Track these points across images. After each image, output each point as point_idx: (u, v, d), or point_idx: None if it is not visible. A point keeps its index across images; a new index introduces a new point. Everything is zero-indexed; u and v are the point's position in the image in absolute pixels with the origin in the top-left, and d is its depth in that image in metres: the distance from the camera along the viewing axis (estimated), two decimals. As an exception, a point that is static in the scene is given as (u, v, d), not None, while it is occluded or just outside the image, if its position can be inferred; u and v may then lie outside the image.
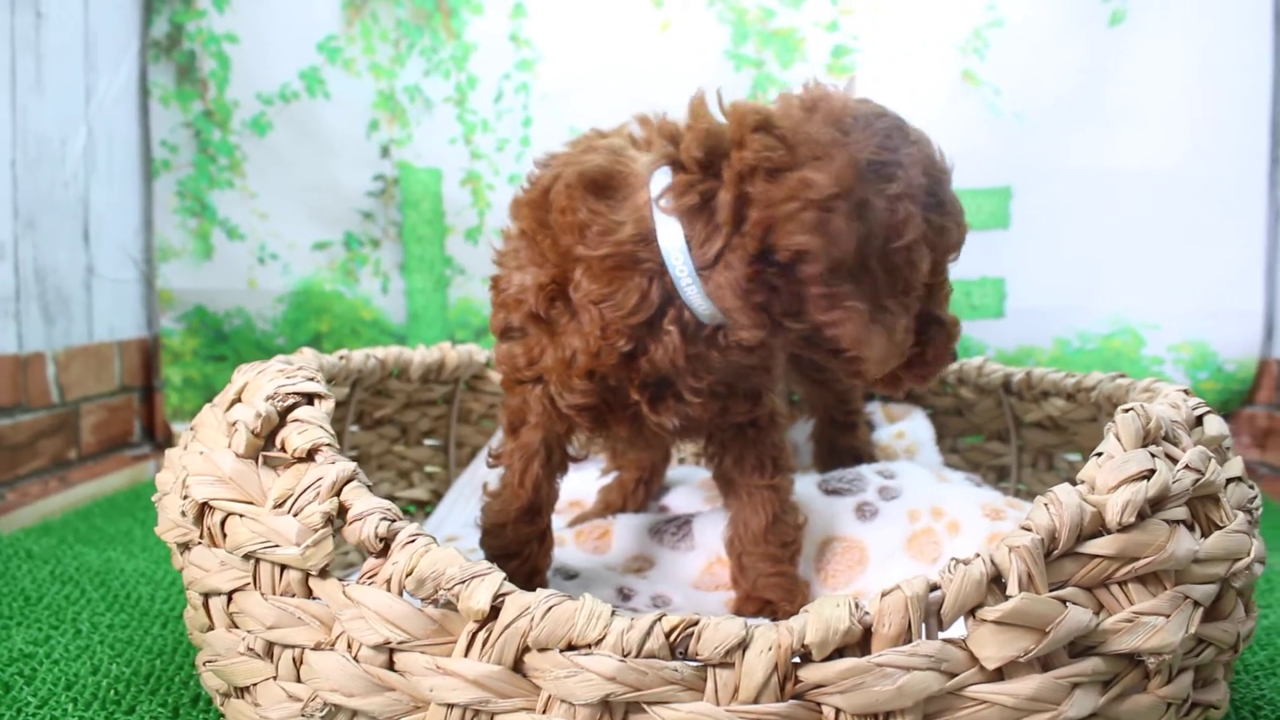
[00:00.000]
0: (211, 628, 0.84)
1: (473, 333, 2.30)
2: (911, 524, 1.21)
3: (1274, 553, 1.54)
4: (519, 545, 1.15)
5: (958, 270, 2.21)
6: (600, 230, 0.96)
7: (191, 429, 0.94)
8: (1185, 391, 0.97)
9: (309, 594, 0.77)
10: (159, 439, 2.29)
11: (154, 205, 2.27)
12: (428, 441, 1.62)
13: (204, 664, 0.86)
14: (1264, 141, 2.16)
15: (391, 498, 1.56)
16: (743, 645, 0.66)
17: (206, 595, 0.83)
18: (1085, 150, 2.21)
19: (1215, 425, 0.91)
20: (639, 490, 1.49)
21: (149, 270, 2.29)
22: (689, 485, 1.54)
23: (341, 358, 1.36)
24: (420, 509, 1.58)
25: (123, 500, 1.88)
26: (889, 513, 1.24)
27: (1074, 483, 0.76)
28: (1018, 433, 1.58)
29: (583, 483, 1.53)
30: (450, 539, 1.37)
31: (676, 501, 1.51)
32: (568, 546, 1.34)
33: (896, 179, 0.90)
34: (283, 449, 0.83)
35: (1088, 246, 2.22)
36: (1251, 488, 0.89)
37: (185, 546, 0.86)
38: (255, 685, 0.79)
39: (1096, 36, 2.17)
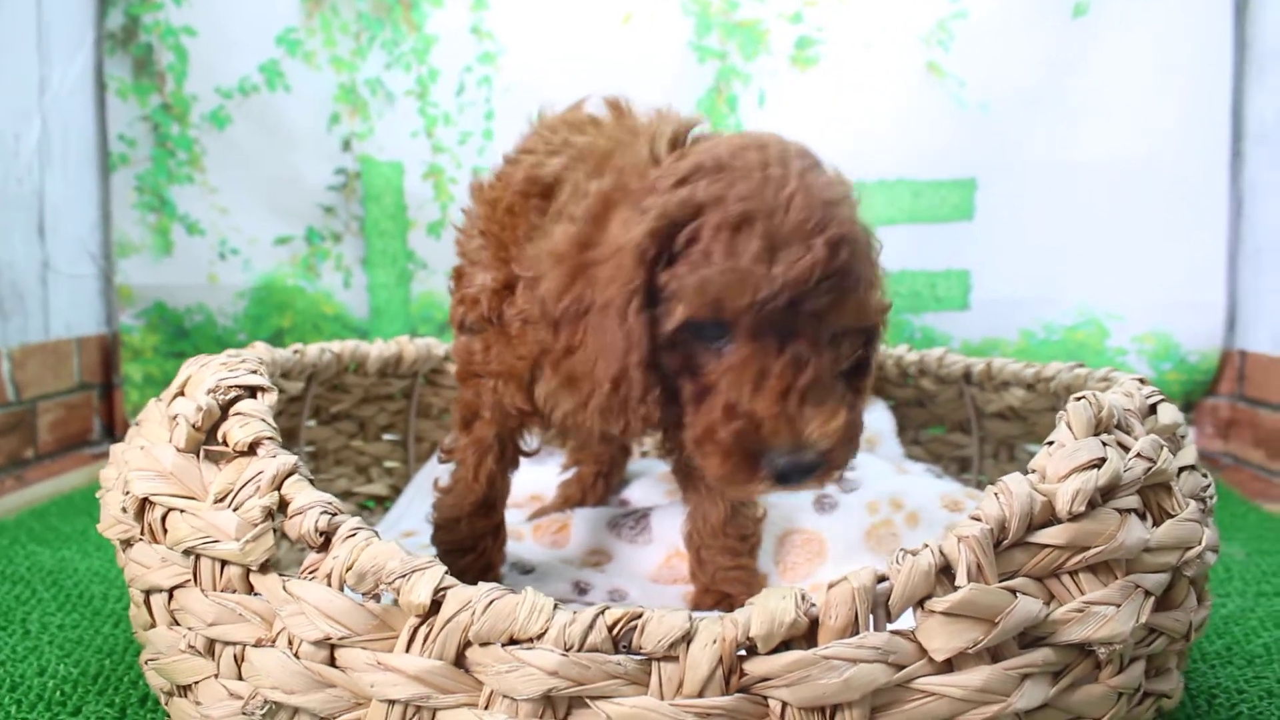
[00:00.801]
0: (153, 625, 0.82)
1: (435, 327, 2.29)
2: (870, 516, 1.21)
3: (1233, 542, 1.55)
4: (474, 540, 1.14)
5: (924, 262, 2.23)
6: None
7: (136, 423, 0.93)
8: (1140, 380, 0.97)
9: (250, 590, 0.75)
10: (119, 437, 2.26)
11: (112, 200, 2.24)
12: (386, 436, 1.60)
13: (147, 662, 0.85)
14: (1225, 134, 2.16)
15: (350, 493, 1.54)
16: (687, 638, 0.65)
17: (148, 592, 0.82)
18: (1050, 142, 2.21)
19: (1169, 414, 0.91)
20: (598, 484, 1.48)
21: (107, 266, 2.27)
22: (650, 478, 1.53)
23: (296, 352, 1.34)
24: (379, 504, 1.57)
25: (80, 499, 1.85)
26: (848, 504, 1.23)
27: (1025, 472, 0.75)
28: (979, 424, 1.57)
29: (543, 477, 1.52)
30: (407, 534, 1.36)
31: (637, 495, 1.50)
32: (526, 541, 1.33)
33: None
34: (224, 443, 0.81)
35: (1052, 238, 2.23)
36: (1205, 476, 0.89)
37: (127, 543, 0.85)
38: (197, 683, 0.78)
39: (1060, 28, 2.17)
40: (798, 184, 0.79)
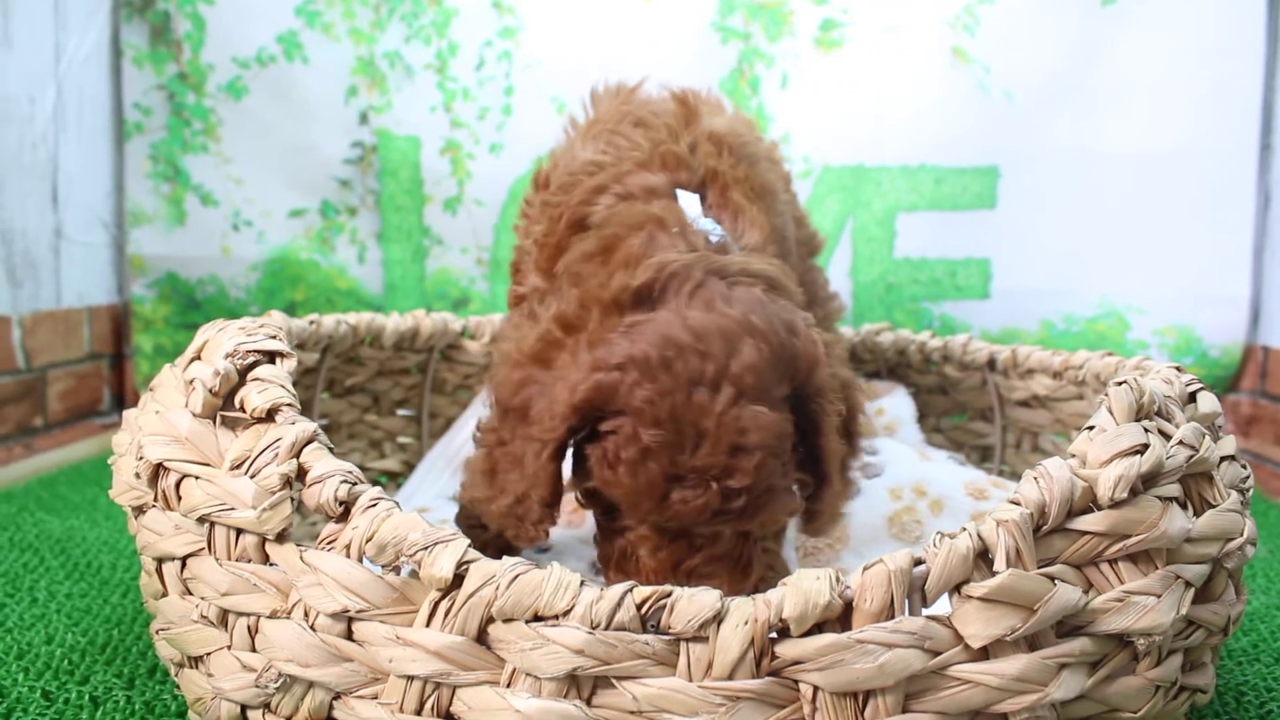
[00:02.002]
0: (165, 594, 0.80)
1: (450, 304, 2.26)
2: (894, 502, 1.19)
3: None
4: None
5: (944, 250, 2.21)
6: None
7: (151, 389, 0.91)
8: (1177, 368, 0.94)
9: (265, 560, 0.73)
10: (130, 407, 2.24)
11: (126, 169, 2.22)
12: (400, 411, 1.58)
13: (157, 632, 0.83)
14: (1255, 126, 2.13)
15: (362, 468, 1.51)
16: (717, 618, 0.63)
17: (160, 560, 0.80)
18: (1074, 131, 2.18)
19: (1208, 402, 0.88)
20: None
21: (120, 235, 2.25)
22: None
23: (312, 322, 1.32)
24: (392, 480, 1.55)
25: (89, 469, 1.84)
26: (871, 491, 1.21)
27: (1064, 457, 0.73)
28: (1002, 412, 1.55)
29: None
30: (422, 510, 1.33)
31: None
32: (542, 520, 1.31)
33: None
34: (242, 409, 0.79)
35: (1075, 228, 2.20)
36: (1244, 467, 0.87)
37: (139, 510, 0.83)
38: (209, 654, 0.76)
39: (1088, 16, 2.14)
40: (713, 423, 0.80)
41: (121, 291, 2.27)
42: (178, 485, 0.78)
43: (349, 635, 0.69)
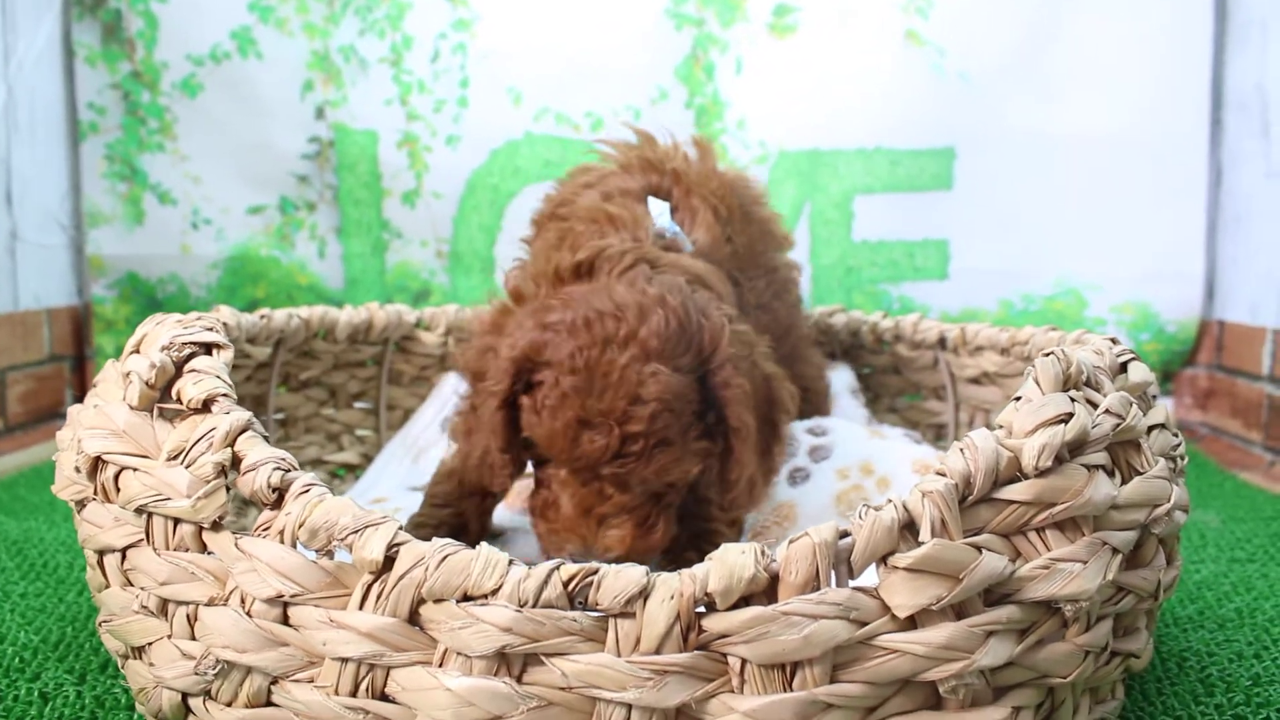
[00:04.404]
0: (107, 586, 0.81)
1: (411, 297, 2.27)
2: (840, 482, 1.20)
3: (1209, 509, 1.55)
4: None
5: (902, 231, 2.22)
6: None
7: (94, 384, 0.91)
8: (1112, 340, 0.95)
9: (202, 548, 0.74)
10: (91, 408, 2.24)
11: (81, 169, 2.21)
12: (357, 404, 1.58)
13: (101, 624, 0.83)
14: (1205, 103, 2.16)
15: (320, 461, 1.53)
16: (644, 594, 0.64)
17: (101, 553, 0.80)
18: (1029, 112, 2.20)
19: (1140, 372, 0.89)
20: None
21: (78, 236, 2.24)
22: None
23: (263, 316, 1.32)
24: (350, 472, 1.55)
25: (49, 471, 1.80)
26: (819, 473, 1.22)
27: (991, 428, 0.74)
28: (954, 389, 1.57)
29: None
30: (378, 500, 1.34)
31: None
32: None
33: None
34: (178, 400, 0.80)
35: (1031, 208, 2.22)
36: (1175, 435, 0.88)
37: (81, 504, 0.83)
38: (150, 644, 0.76)
39: (1040, -4, 2.16)
40: (618, 376, 0.93)
41: (82, 293, 2.27)
42: (116, 477, 0.78)
43: (285, 620, 0.69)
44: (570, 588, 0.65)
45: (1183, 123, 2.17)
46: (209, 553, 0.74)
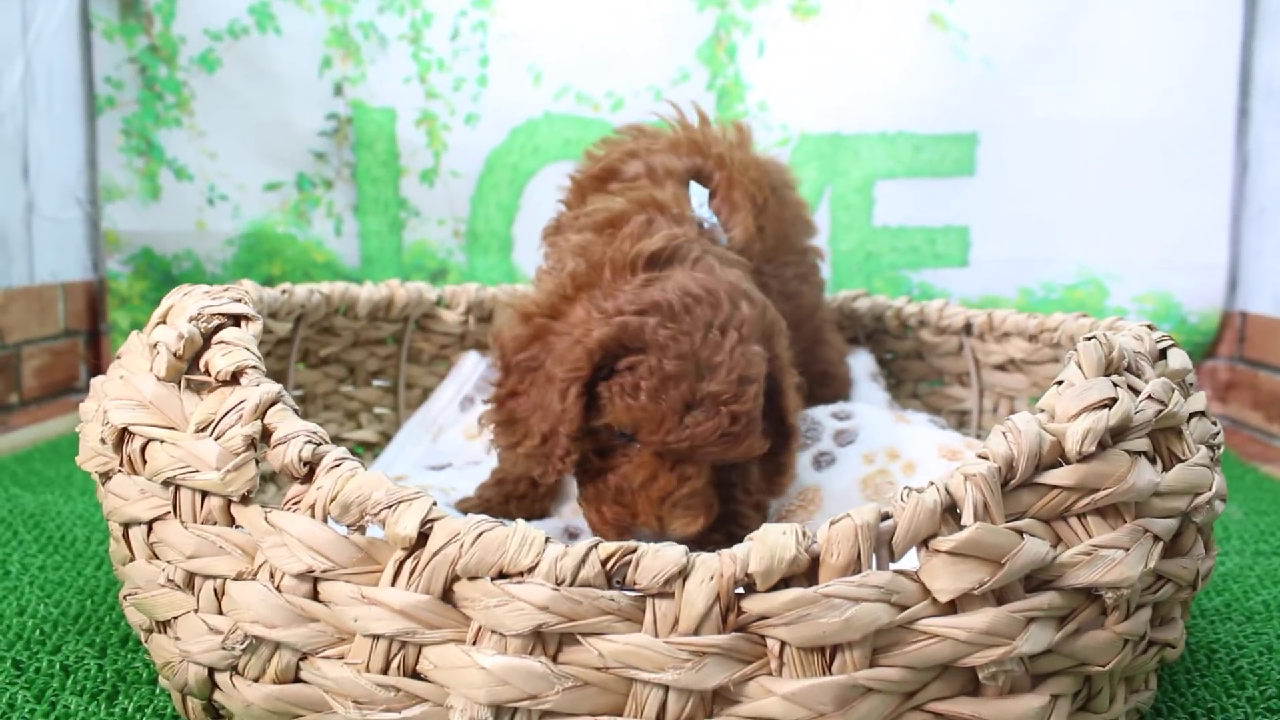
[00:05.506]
0: (132, 559, 0.80)
1: (428, 275, 2.26)
2: (866, 466, 1.19)
3: (1231, 502, 1.54)
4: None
5: (923, 217, 2.21)
6: None
7: (118, 356, 0.90)
8: (1149, 326, 0.94)
9: (231, 522, 0.73)
10: (105, 383, 2.23)
11: (98, 143, 2.21)
12: (376, 382, 1.57)
13: (125, 598, 0.82)
14: (1232, 92, 2.14)
15: (339, 439, 1.51)
16: (683, 574, 0.63)
17: (126, 525, 0.79)
18: (1053, 98, 2.18)
19: (1179, 359, 0.88)
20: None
21: (94, 211, 2.23)
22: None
23: (284, 291, 1.31)
24: (369, 450, 1.54)
25: (65, 445, 1.83)
26: (845, 457, 1.21)
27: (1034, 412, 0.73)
28: (979, 376, 1.55)
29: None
30: (398, 479, 1.33)
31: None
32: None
33: None
34: (206, 372, 0.79)
35: (1053, 195, 2.20)
36: (1214, 423, 0.87)
37: (106, 476, 0.82)
38: (176, 618, 0.75)
39: (1066, -19, 2.14)
40: (725, 357, 0.96)
41: (97, 268, 2.26)
42: (143, 449, 0.77)
43: (315, 595, 0.68)
44: (608, 566, 0.63)
45: (1208, 111, 2.15)
46: (237, 526, 0.73)
